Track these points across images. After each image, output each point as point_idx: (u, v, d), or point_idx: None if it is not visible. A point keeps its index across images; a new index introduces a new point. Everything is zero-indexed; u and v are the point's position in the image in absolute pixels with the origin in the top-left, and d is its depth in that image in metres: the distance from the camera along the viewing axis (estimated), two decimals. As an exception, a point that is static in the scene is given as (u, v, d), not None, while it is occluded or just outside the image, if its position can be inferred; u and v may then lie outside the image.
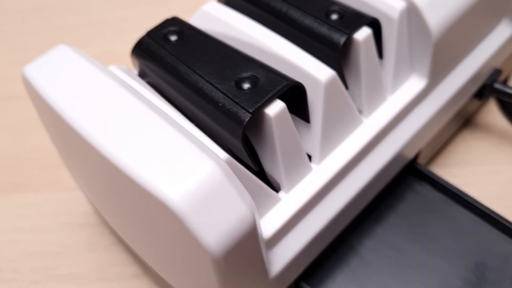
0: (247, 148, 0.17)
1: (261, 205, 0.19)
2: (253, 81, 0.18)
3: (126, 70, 0.20)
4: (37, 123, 0.31)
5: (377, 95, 0.21)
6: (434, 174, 0.24)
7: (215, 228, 0.15)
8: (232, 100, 0.17)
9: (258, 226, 0.16)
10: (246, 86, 0.18)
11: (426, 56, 0.21)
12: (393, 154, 0.22)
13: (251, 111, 0.17)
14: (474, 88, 0.26)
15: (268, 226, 0.19)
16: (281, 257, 0.19)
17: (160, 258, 0.20)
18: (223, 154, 0.17)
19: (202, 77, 0.18)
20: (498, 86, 0.26)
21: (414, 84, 0.22)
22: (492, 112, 0.30)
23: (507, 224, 0.22)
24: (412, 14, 0.20)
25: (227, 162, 0.16)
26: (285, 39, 0.20)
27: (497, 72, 0.26)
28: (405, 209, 0.24)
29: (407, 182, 0.25)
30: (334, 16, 0.20)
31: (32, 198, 0.29)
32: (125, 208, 0.18)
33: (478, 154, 0.29)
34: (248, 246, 0.16)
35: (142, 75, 0.21)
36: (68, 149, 0.20)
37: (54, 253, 0.27)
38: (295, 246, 0.20)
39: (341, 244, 0.23)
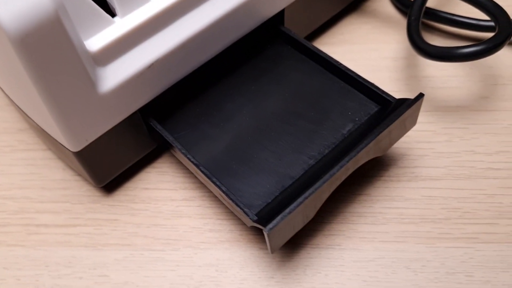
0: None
1: (94, 24, 0.20)
2: None
3: None
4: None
5: None
6: (294, 35, 0.26)
7: (10, 10, 0.16)
8: None
9: (64, 22, 0.18)
10: None
11: None
12: (236, 4, 0.23)
13: None
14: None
15: (97, 42, 0.20)
16: (113, 76, 0.21)
17: (12, 87, 0.21)
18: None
19: None
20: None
21: None
22: (383, 5, 0.31)
23: (358, 78, 0.23)
24: None
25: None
26: None
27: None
28: (264, 65, 0.26)
29: (273, 44, 0.26)
30: None
31: None
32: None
33: (359, 35, 0.30)
34: (53, 40, 0.18)
35: None
36: None
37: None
38: (129, 69, 0.21)
39: (198, 91, 0.25)
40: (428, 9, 0.28)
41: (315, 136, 0.23)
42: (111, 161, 0.24)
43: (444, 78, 0.27)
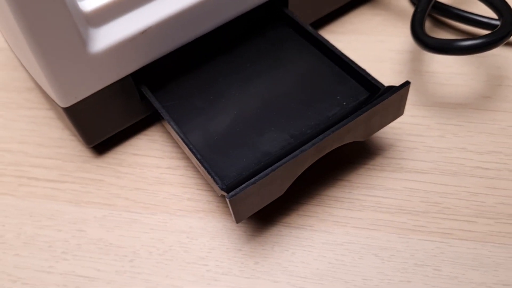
0: None
1: (88, -16, 0.21)
2: None
3: None
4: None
5: None
6: (296, 17, 0.26)
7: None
8: None
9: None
10: None
11: None
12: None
13: None
14: None
15: (92, 2, 0.21)
16: (105, 38, 0.21)
17: (15, 44, 0.22)
18: None
19: None
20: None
21: None
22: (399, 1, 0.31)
23: (351, 64, 0.23)
24: None
25: None
26: None
27: None
28: (263, 45, 0.26)
29: (275, 26, 0.26)
30: None
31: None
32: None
33: (369, 26, 0.29)
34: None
35: None
36: None
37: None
38: (122, 32, 0.22)
39: (194, 65, 0.25)
40: (441, 4, 0.28)
41: (301, 117, 0.23)
42: (101, 123, 0.24)
43: (448, 75, 0.27)
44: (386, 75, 0.27)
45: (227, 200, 0.19)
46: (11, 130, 0.27)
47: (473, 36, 0.23)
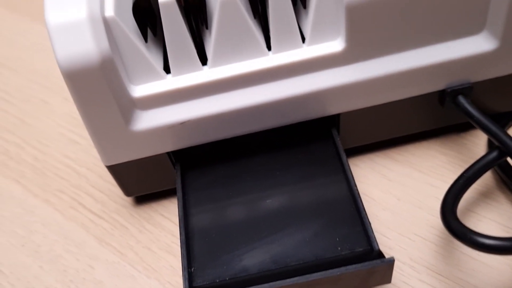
0: (136, 20, 0.23)
1: (145, 74, 0.24)
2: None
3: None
4: None
5: (288, 38, 0.24)
6: (337, 142, 0.26)
7: (65, 50, 0.21)
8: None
9: (108, 71, 0.22)
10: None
11: (342, 19, 0.23)
12: (288, 94, 0.24)
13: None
14: (424, 88, 0.25)
15: (143, 89, 0.24)
16: (147, 121, 0.24)
17: None
18: (111, 13, 0.22)
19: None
20: (461, 99, 0.26)
21: (333, 45, 0.24)
22: (474, 144, 0.29)
23: (362, 212, 0.23)
24: (335, -25, 0.22)
25: (109, 19, 0.22)
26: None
27: (468, 87, 0.26)
28: (300, 157, 0.26)
29: (319, 141, 0.27)
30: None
31: None
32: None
33: (428, 165, 0.28)
34: (95, 81, 0.22)
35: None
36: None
37: None
38: (163, 119, 0.24)
39: (227, 157, 0.27)
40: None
41: (291, 245, 0.23)
42: (138, 182, 0.28)
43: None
44: (415, 224, 0.26)
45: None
46: (88, 155, 0.32)
47: None
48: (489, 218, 0.25)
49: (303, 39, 0.24)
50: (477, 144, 0.28)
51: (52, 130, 0.34)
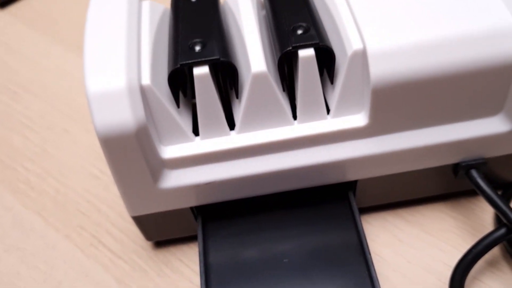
0: (171, 88, 0.24)
1: (176, 136, 0.25)
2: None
3: (156, 6, 0.27)
4: None
5: (313, 110, 0.25)
6: (354, 206, 0.27)
7: (102, 117, 0.22)
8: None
9: (141, 137, 0.23)
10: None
11: (367, 97, 0.24)
12: (311, 163, 0.26)
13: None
14: (440, 161, 0.27)
15: (173, 150, 0.25)
16: (174, 180, 0.26)
17: None
18: (147, 82, 0.23)
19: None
20: (474, 173, 0.27)
21: (357, 119, 0.25)
22: (482, 210, 0.30)
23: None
24: (364, 56, 0.23)
25: (145, 87, 0.23)
26: (259, 32, 0.25)
27: (482, 162, 0.27)
28: (317, 217, 0.28)
29: (337, 203, 0.28)
30: (299, 31, 0.24)
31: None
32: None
33: (437, 228, 0.29)
34: (129, 146, 0.23)
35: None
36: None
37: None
38: (189, 179, 0.26)
39: (247, 212, 0.28)
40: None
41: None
42: (160, 230, 0.29)
43: (488, 318, 0.26)
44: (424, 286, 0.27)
45: None
46: (108, 192, 0.33)
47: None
48: (494, 287, 0.27)
49: (328, 109, 0.25)
50: (484, 210, 0.30)
51: (73, 162, 0.35)
